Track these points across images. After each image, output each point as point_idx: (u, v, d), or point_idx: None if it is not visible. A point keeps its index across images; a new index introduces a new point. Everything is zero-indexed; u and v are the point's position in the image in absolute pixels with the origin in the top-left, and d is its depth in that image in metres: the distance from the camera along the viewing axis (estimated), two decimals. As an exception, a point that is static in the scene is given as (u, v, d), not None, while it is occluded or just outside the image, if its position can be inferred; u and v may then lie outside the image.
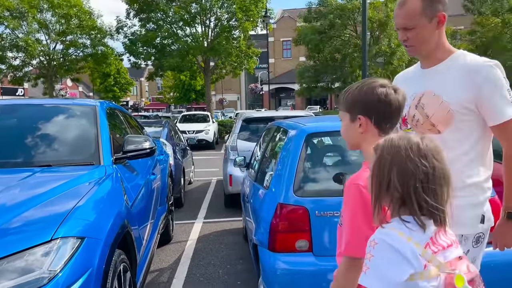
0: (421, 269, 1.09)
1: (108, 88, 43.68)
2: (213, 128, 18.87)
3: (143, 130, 5.24)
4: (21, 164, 2.68)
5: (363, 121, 1.46)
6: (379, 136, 1.44)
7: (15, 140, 2.95)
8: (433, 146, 1.18)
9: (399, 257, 1.10)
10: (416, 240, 1.12)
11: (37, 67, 25.81)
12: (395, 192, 1.15)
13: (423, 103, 1.73)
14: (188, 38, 22.84)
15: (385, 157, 1.17)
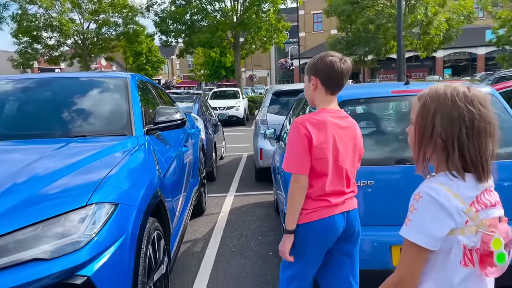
0: (462, 225, 1.10)
1: (141, 67, 44.30)
2: (244, 104, 18.85)
3: (174, 104, 5.27)
4: (57, 134, 2.74)
5: (314, 81, 1.98)
6: (326, 94, 1.97)
7: (50, 112, 3.02)
8: (481, 94, 1.14)
9: (443, 212, 1.09)
10: (463, 197, 1.10)
11: (72, 46, 26.37)
12: (438, 140, 1.13)
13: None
14: (218, 13, 22.66)
15: (429, 104, 1.14)
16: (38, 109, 3.06)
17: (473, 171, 1.12)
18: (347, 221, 2.00)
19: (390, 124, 3.21)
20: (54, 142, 2.53)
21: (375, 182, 2.56)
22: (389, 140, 2.88)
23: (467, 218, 1.10)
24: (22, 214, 1.67)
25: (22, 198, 1.75)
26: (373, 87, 3.56)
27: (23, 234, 1.61)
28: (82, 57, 26.12)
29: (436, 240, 1.10)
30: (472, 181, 1.12)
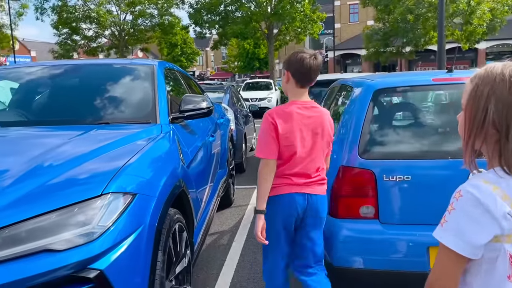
0: (510, 232, 0.92)
1: (175, 58, 44.79)
2: (276, 96, 18.67)
3: (203, 93, 5.19)
4: (80, 121, 2.69)
5: (286, 74, 2.20)
6: (296, 87, 2.19)
7: (74, 98, 2.98)
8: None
9: (486, 215, 0.91)
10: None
11: (109, 38, 26.95)
12: (491, 129, 0.94)
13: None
14: (252, 3, 22.50)
15: (482, 86, 0.96)
16: (63, 96, 3.04)
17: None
18: (309, 203, 2.18)
19: (430, 115, 2.98)
20: (75, 129, 2.48)
21: (412, 177, 2.36)
22: (429, 133, 2.66)
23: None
24: (35, 203, 1.60)
25: (35, 186, 1.67)
26: (412, 75, 3.33)
27: (35, 223, 1.54)
28: (118, 48, 26.66)
29: (475, 248, 0.93)
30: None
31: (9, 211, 1.56)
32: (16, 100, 3.16)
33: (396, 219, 2.40)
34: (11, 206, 1.58)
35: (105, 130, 2.54)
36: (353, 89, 2.93)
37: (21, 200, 1.60)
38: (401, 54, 25.40)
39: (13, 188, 1.66)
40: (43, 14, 24.56)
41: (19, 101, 3.10)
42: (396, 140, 2.59)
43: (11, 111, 3.07)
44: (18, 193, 1.63)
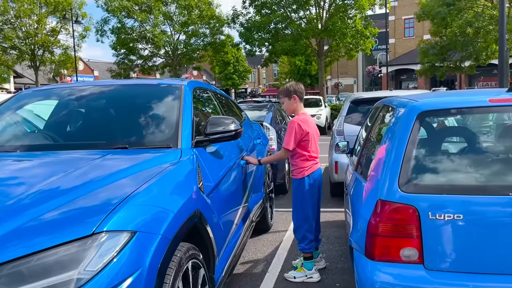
0: None
1: (228, 76, 45.61)
2: (325, 113, 18.25)
3: (241, 113, 5.01)
4: (98, 145, 2.57)
5: (294, 97, 3.62)
6: (301, 103, 3.66)
7: (96, 121, 2.89)
8: None
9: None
10: None
11: (163, 57, 27.88)
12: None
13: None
14: (302, 20, 22.37)
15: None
16: (84, 118, 2.95)
17: None
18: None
19: (486, 142, 2.58)
20: (91, 154, 2.35)
21: (464, 216, 1.99)
22: (484, 163, 2.27)
23: None
24: (13, 244, 1.43)
25: (19, 224, 1.51)
26: (466, 94, 2.93)
27: (11, 268, 1.37)
28: (172, 67, 27.47)
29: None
30: None
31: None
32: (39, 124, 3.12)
33: (445, 265, 2.03)
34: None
35: (120, 155, 2.39)
36: (395, 110, 2.60)
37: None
38: (460, 68, 24.08)
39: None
40: (103, 36, 25.91)
41: (46, 125, 3.06)
42: (444, 171, 2.22)
43: (29, 135, 3.03)
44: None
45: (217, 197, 2.69)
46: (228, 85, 47.26)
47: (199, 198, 2.29)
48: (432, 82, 39.38)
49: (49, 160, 2.40)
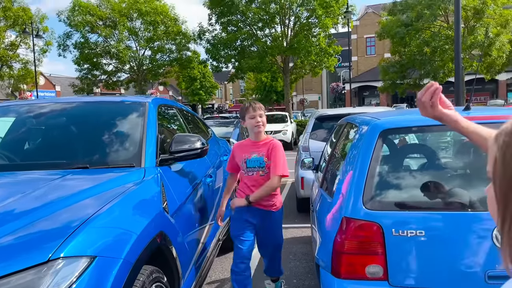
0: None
1: (195, 92, 45.51)
2: (291, 129, 18.45)
3: (208, 129, 4.98)
4: (57, 165, 2.47)
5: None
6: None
7: (56, 140, 2.79)
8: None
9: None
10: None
11: (128, 72, 27.51)
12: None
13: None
14: (267, 38, 22.70)
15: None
16: (43, 137, 2.85)
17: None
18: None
19: (446, 159, 2.66)
20: (50, 174, 2.26)
21: (425, 232, 2.04)
22: (445, 180, 2.34)
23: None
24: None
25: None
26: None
27: None
28: (137, 82, 27.12)
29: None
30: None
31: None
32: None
33: (408, 281, 2.06)
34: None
35: (81, 175, 2.30)
36: (358, 128, 2.65)
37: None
38: (419, 86, 25.04)
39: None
40: (65, 50, 25.32)
41: (2, 144, 2.92)
42: (406, 187, 2.27)
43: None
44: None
45: (183, 216, 2.64)
46: (194, 101, 47.12)
47: (163, 219, 2.23)
48: (394, 98, 40.74)
49: (5, 181, 2.28)
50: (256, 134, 3.05)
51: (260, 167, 3.01)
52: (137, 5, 25.16)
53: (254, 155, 3.01)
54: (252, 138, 3.09)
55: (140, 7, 25.07)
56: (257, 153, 3.01)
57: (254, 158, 3.00)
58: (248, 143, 3.10)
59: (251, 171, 3.04)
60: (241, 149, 3.10)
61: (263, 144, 3.03)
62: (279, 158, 2.97)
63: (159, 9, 25.60)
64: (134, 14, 25.64)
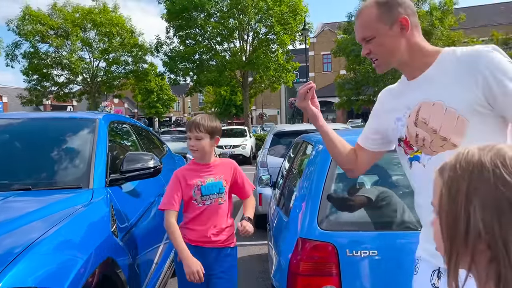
0: None
1: (151, 104, 44.80)
2: (251, 143, 18.50)
3: (163, 145, 4.86)
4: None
5: (218, 140, 2.47)
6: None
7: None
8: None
9: None
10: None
11: (81, 84, 26.66)
12: (479, 242, 0.64)
13: (424, 117, 1.42)
14: (226, 53, 22.80)
15: (459, 181, 0.67)
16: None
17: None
18: None
19: (397, 176, 2.72)
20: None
21: (378, 252, 2.05)
22: (398, 199, 2.38)
23: None
24: None
25: None
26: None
27: None
28: (90, 94, 26.33)
29: None
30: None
31: None
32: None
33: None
34: None
35: (24, 197, 2.16)
36: (314, 147, 2.67)
37: None
38: (373, 102, 25.93)
39: None
40: (13, 60, 24.22)
41: None
42: (361, 207, 2.29)
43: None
44: None
45: (133, 239, 2.53)
46: (151, 114, 46.35)
47: (112, 243, 2.12)
48: (350, 114, 41.91)
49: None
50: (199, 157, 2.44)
51: (219, 193, 2.44)
52: (91, 15, 24.56)
53: (210, 179, 2.42)
54: (198, 160, 2.45)
55: (95, 18, 24.50)
56: (213, 177, 2.44)
57: (211, 184, 2.42)
58: (195, 167, 2.45)
59: (208, 199, 2.41)
60: (188, 175, 2.42)
61: (217, 166, 2.48)
62: (245, 177, 2.62)
63: (114, 20, 25.12)
64: (88, 24, 25.00)
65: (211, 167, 2.46)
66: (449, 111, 1.37)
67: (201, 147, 2.37)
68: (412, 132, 1.46)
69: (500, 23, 32.97)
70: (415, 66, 1.48)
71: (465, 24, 25.72)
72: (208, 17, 21.65)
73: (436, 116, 1.39)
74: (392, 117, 1.54)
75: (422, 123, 1.43)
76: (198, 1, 20.68)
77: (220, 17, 21.37)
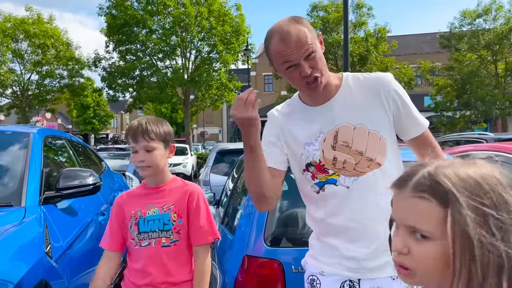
0: None
1: (87, 120, 42.99)
2: (192, 161, 18.27)
3: (101, 163, 4.66)
4: None
5: (173, 148, 1.83)
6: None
7: None
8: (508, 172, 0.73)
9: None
10: None
11: (10, 97, 25.01)
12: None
13: (346, 141, 1.44)
14: (168, 70, 22.54)
15: (476, 202, 0.68)
16: None
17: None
18: None
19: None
20: None
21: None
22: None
23: None
24: None
25: None
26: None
27: None
28: (20, 108, 24.77)
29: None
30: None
31: None
32: None
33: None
34: None
35: None
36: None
37: None
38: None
39: None
40: None
41: None
42: (304, 223, 2.33)
43: None
44: None
45: (69, 260, 2.38)
46: (87, 130, 44.40)
47: (45, 265, 1.98)
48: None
49: None
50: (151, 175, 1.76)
51: (162, 230, 1.72)
52: (24, 26, 23.31)
53: (154, 210, 1.74)
54: (148, 182, 1.80)
55: (28, 29, 23.27)
56: (158, 206, 1.74)
57: (152, 216, 1.73)
58: (142, 191, 1.81)
59: (145, 239, 1.71)
60: (128, 202, 1.79)
61: (169, 191, 1.77)
62: (208, 213, 1.80)
63: (49, 32, 24.01)
64: (21, 35, 23.68)
65: (161, 192, 1.76)
66: (372, 133, 1.44)
67: (154, 162, 1.69)
68: (329, 156, 1.45)
69: (427, 52, 35.68)
70: (328, 88, 1.46)
71: (397, 51, 27.50)
72: (150, 33, 21.35)
73: (360, 139, 1.43)
74: (300, 143, 1.50)
75: (343, 147, 1.44)
76: (140, 17, 20.39)
77: (162, 34, 21.16)
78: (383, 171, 1.43)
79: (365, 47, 22.16)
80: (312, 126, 1.49)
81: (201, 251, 1.74)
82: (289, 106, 1.58)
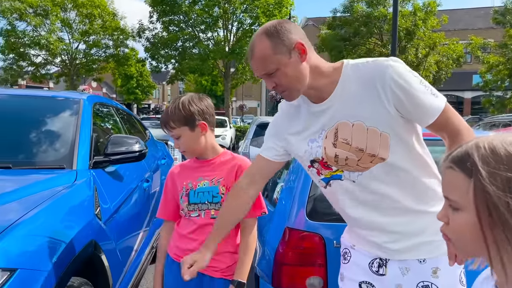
0: None
1: (130, 90, 44.07)
2: (231, 134, 18.46)
3: (145, 130, 4.78)
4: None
5: (203, 125, 1.78)
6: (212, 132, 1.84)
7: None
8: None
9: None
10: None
11: (59, 65, 25.97)
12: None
13: (345, 138, 1.41)
14: (210, 41, 22.57)
15: (500, 173, 0.66)
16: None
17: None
18: None
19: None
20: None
21: (365, 244, 2.06)
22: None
23: None
24: None
25: None
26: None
27: None
28: (69, 77, 25.69)
29: None
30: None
31: None
32: None
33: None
34: None
35: (4, 176, 2.07)
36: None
37: None
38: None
39: None
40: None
41: None
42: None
43: None
44: None
45: (116, 223, 2.47)
46: (130, 100, 45.60)
47: (95, 226, 2.07)
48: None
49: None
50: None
51: (211, 202, 1.78)
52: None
53: (204, 182, 1.79)
54: (198, 156, 1.86)
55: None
56: (208, 179, 1.79)
57: (202, 188, 1.79)
58: (191, 164, 1.87)
59: (195, 210, 1.79)
60: (180, 174, 1.87)
61: (220, 164, 1.82)
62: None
63: (96, 1, 24.49)
64: (69, 4, 24.29)
65: (211, 165, 1.82)
66: (371, 130, 1.38)
67: (187, 146, 1.76)
68: (331, 153, 1.45)
69: (479, 27, 33.71)
70: (320, 88, 1.44)
71: (447, 26, 26.18)
72: (193, 4, 21.35)
73: (359, 137, 1.39)
74: (304, 139, 1.51)
75: (343, 144, 1.42)
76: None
77: (205, 4, 21.10)
78: (388, 164, 1.40)
79: (412, 22, 21.20)
80: (315, 122, 1.48)
81: (248, 224, 1.82)
82: (298, 100, 1.53)
